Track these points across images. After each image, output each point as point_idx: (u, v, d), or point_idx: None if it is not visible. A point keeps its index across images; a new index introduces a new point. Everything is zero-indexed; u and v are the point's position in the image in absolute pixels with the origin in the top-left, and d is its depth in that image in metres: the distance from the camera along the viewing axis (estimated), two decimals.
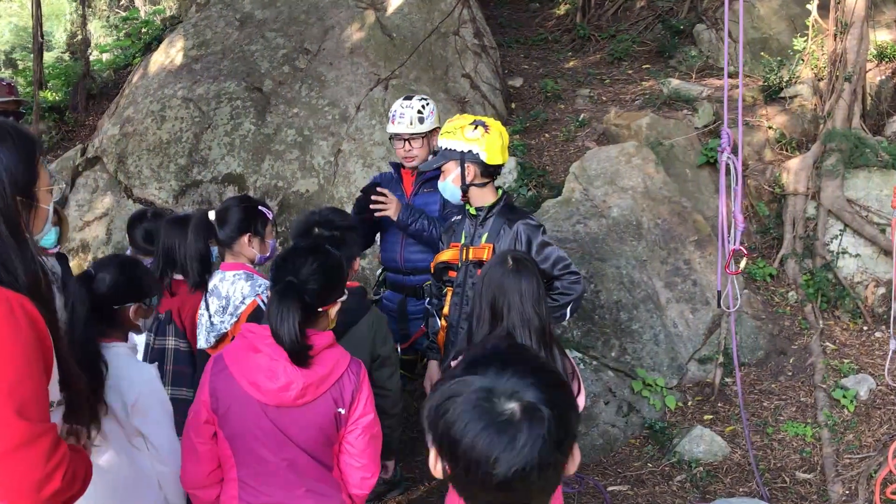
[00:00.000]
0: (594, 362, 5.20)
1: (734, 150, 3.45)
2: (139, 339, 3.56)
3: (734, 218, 3.42)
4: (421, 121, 4.19)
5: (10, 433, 1.73)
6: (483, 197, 3.57)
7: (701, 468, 4.67)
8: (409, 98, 4.30)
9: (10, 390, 1.73)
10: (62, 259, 4.67)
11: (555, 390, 1.29)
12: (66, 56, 13.34)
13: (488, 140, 3.47)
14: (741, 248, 3.48)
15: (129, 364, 2.69)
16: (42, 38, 10.03)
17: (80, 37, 10.85)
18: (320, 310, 2.50)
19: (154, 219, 4.15)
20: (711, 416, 5.12)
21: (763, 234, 6.50)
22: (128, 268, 2.78)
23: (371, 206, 4.01)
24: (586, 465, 4.88)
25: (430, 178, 4.20)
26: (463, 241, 3.60)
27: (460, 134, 3.50)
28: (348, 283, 3.19)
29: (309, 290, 2.44)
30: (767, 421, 5.05)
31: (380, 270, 4.52)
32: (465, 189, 3.53)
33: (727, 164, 3.41)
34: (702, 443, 4.81)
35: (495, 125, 3.57)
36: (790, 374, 5.47)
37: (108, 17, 15.57)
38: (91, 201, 6.96)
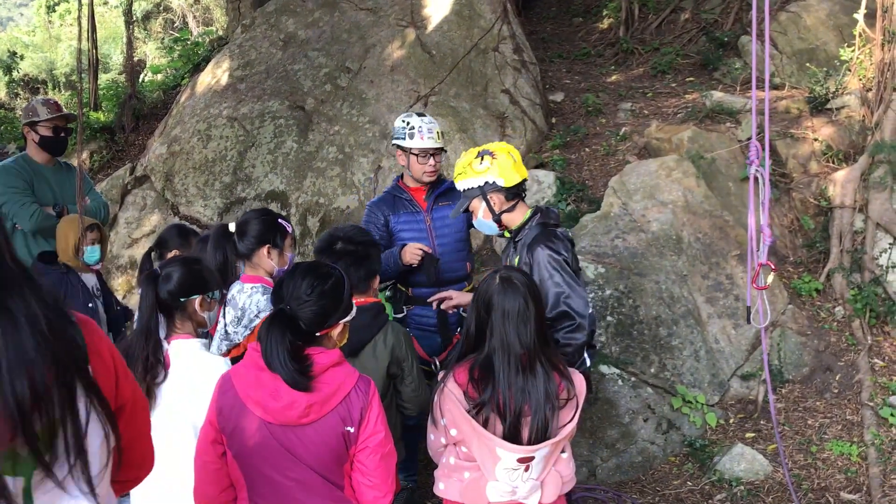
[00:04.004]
0: (633, 378, 5.14)
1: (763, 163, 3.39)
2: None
3: (762, 232, 3.35)
4: (440, 135, 4.29)
5: None
6: (515, 219, 3.55)
7: (742, 487, 4.57)
8: (421, 115, 4.33)
9: None
10: (97, 275, 4.83)
11: None
12: (122, 78, 13.73)
13: (499, 165, 3.45)
14: (768, 262, 3.40)
15: (201, 356, 2.90)
16: (97, 60, 10.36)
17: (131, 58, 11.16)
18: (319, 334, 2.48)
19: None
20: (754, 434, 5.02)
21: (809, 247, 6.36)
22: (190, 263, 3.00)
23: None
24: (624, 483, 4.82)
25: (443, 190, 4.25)
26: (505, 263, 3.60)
27: (470, 171, 3.49)
28: (370, 299, 3.21)
29: (304, 317, 2.43)
30: (811, 439, 4.93)
31: (389, 291, 4.42)
32: (497, 219, 3.52)
33: (756, 177, 3.35)
34: (743, 461, 4.71)
35: (500, 148, 3.54)
36: (836, 391, 5.33)
37: (163, 38, 16.03)
38: (139, 219, 7.14)
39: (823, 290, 6.04)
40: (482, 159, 3.47)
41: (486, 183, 3.45)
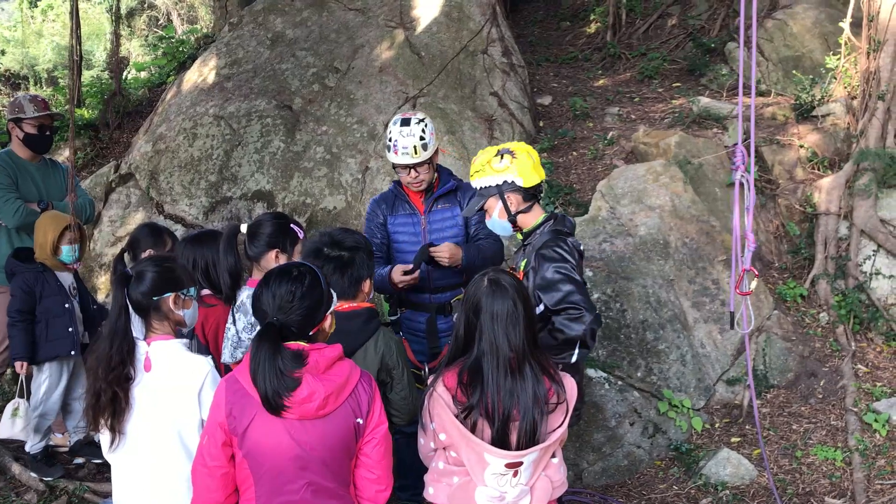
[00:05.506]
0: (619, 382, 5.15)
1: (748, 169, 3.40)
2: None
3: (746, 237, 3.35)
4: (425, 147, 4.03)
5: None
6: (529, 221, 3.50)
7: (727, 491, 4.59)
8: (406, 123, 4.03)
9: None
10: (75, 273, 4.78)
11: None
12: (106, 74, 13.61)
13: (519, 165, 3.41)
14: (752, 268, 3.40)
15: (182, 357, 2.86)
16: (80, 56, 10.25)
17: (117, 55, 11.07)
18: (311, 333, 2.52)
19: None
20: (739, 439, 5.04)
21: (794, 254, 6.40)
22: (160, 261, 2.97)
23: (436, 258, 3.97)
24: (611, 487, 4.83)
25: (442, 193, 4.15)
26: (515, 266, 3.56)
27: (489, 169, 3.44)
28: (362, 304, 3.18)
29: (295, 323, 2.47)
30: (796, 444, 4.95)
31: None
32: (512, 220, 3.48)
33: (741, 183, 3.35)
34: (728, 465, 4.73)
35: (520, 147, 3.49)
36: (821, 396, 5.36)
37: (147, 36, 15.90)
38: (123, 217, 7.07)
39: (808, 296, 6.08)
40: (501, 157, 3.43)
41: (505, 182, 3.41)
